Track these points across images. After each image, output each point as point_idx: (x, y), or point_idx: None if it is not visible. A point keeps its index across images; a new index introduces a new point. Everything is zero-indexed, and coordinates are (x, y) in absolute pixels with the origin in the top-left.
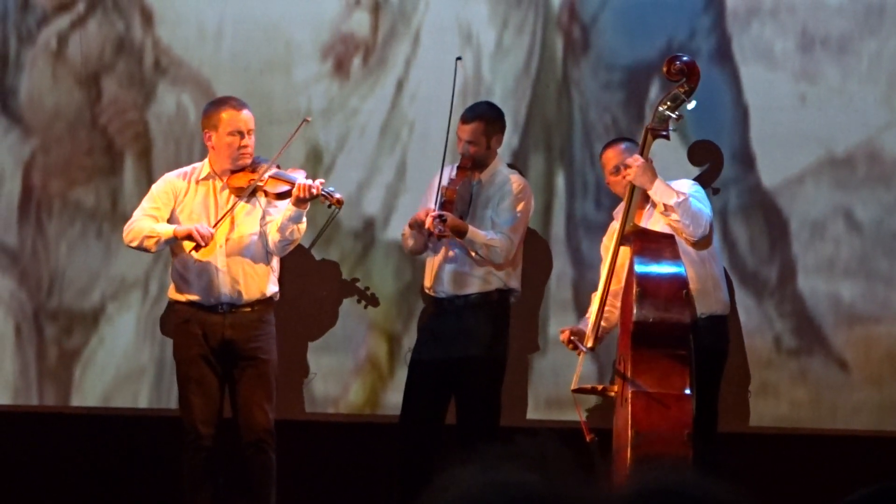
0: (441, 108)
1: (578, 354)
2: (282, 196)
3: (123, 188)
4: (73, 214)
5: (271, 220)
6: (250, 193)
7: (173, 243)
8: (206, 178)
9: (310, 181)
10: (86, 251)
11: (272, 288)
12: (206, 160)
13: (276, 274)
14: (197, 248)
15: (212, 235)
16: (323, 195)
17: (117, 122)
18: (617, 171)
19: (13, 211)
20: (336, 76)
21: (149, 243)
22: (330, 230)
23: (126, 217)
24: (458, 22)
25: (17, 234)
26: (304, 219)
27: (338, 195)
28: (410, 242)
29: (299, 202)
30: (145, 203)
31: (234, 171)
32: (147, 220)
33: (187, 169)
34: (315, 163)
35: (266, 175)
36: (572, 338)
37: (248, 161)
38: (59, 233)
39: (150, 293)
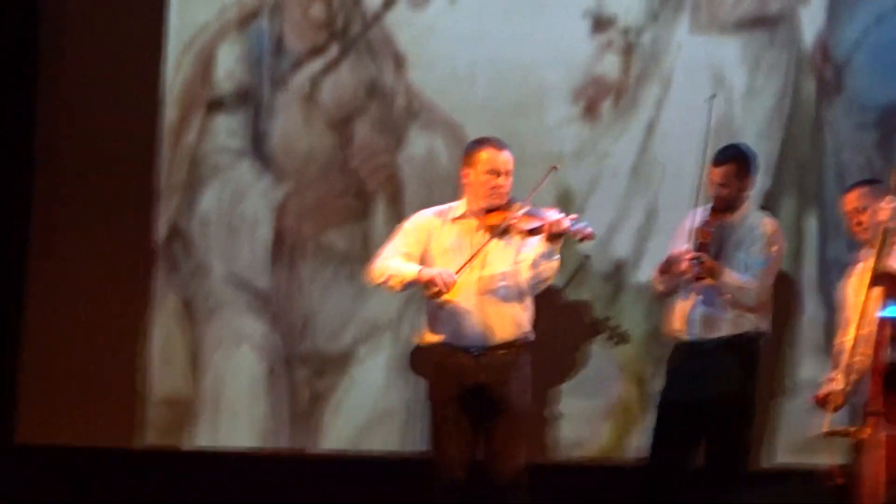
0: (692, 149)
1: (832, 410)
2: (533, 232)
3: (374, 231)
4: (326, 257)
5: (524, 258)
6: (503, 231)
7: (417, 286)
8: (461, 217)
9: (560, 216)
10: (338, 294)
11: (526, 327)
12: (463, 200)
13: (531, 314)
14: (437, 293)
15: (454, 283)
16: (573, 230)
17: (369, 166)
18: (856, 213)
19: (267, 254)
20: (587, 118)
21: (393, 282)
22: (577, 270)
23: None
24: (710, 63)
25: (271, 277)
26: (557, 255)
27: (588, 229)
28: (661, 287)
29: (551, 238)
30: (397, 240)
31: (488, 211)
32: (396, 260)
33: (444, 207)
34: (566, 205)
35: (520, 213)
36: (826, 399)
37: (503, 201)
38: (311, 276)
39: (401, 335)
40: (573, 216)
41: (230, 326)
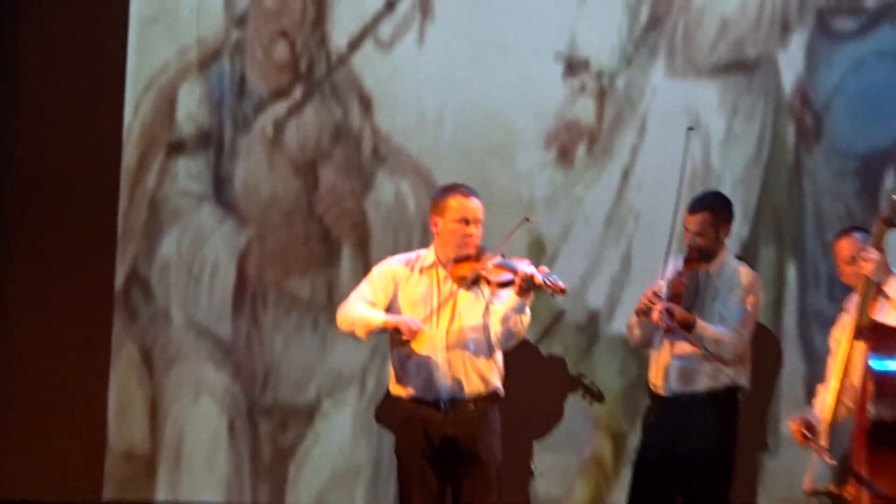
0: (668, 196)
1: (816, 452)
2: (504, 285)
3: (340, 279)
4: (289, 306)
5: (494, 311)
6: (473, 282)
7: (383, 333)
8: (430, 267)
9: (532, 269)
10: (301, 344)
11: (496, 382)
12: (432, 247)
13: (500, 368)
14: (404, 341)
15: (420, 330)
16: (546, 284)
17: (334, 211)
18: (853, 260)
19: (227, 302)
20: (560, 164)
21: (359, 329)
22: (553, 323)
23: None
24: (686, 108)
25: (232, 325)
26: (528, 310)
27: (561, 284)
28: (637, 332)
29: (522, 292)
30: (363, 287)
31: (457, 260)
32: (361, 305)
33: (411, 255)
34: (538, 253)
35: (490, 264)
36: (803, 430)
37: (473, 250)
38: (274, 325)
39: (367, 388)
40: (544, 269)
41: (190, 377)
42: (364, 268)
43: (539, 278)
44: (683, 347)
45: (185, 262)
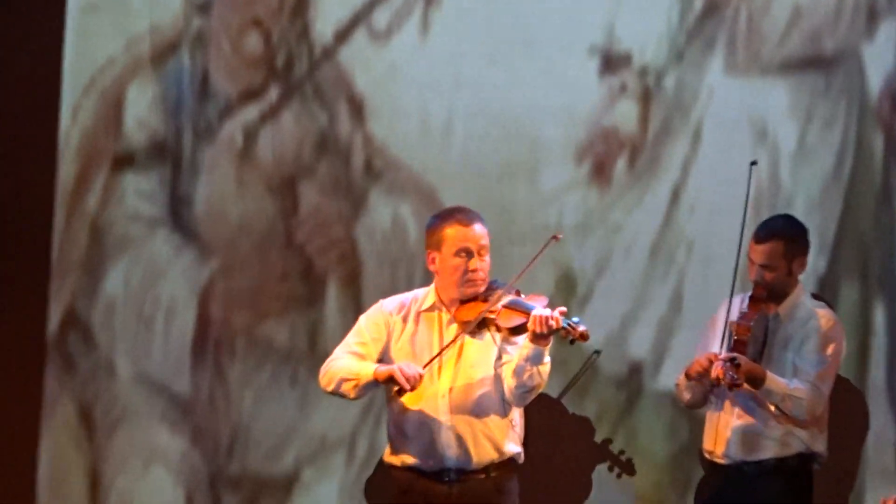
0: (727, 223)
1: None
2: (516, 331)
3: (325, 322)
4: (262, 356)
5: (508, 360)
6: (478, 326)
7: (375, 388)
8: (429, 309)
9: (547, 311)
10: (277, 402)
11: (512, 447)
12: (432, 286)
13: (519, 429)
14: (401, 392)
15: (420, 377)
16: (563, 328)
17: (318, 240)
18: None
19: (186, 350)
20: (595, 182)
21: (346, 387)
22: (587, 376)
23: None
24: (750, 114)
25: (190, 379)
26: (547, 359)
27: (582, 328)
28: (687, 396)
29: (537, 338)
30: (350, 337)
31: (464, 301)
32: (348, 359)
33: (407, 297)
34: (567, 291)
35: (500, 304)
36: None
37: (481, 288)
38: (243, 379)
39: (356, 455)
40: (563, 309)
41: (139, 441)
42: (354, 309)
43: (553, 321)
44: (747, 406)
45: (134, 302)
